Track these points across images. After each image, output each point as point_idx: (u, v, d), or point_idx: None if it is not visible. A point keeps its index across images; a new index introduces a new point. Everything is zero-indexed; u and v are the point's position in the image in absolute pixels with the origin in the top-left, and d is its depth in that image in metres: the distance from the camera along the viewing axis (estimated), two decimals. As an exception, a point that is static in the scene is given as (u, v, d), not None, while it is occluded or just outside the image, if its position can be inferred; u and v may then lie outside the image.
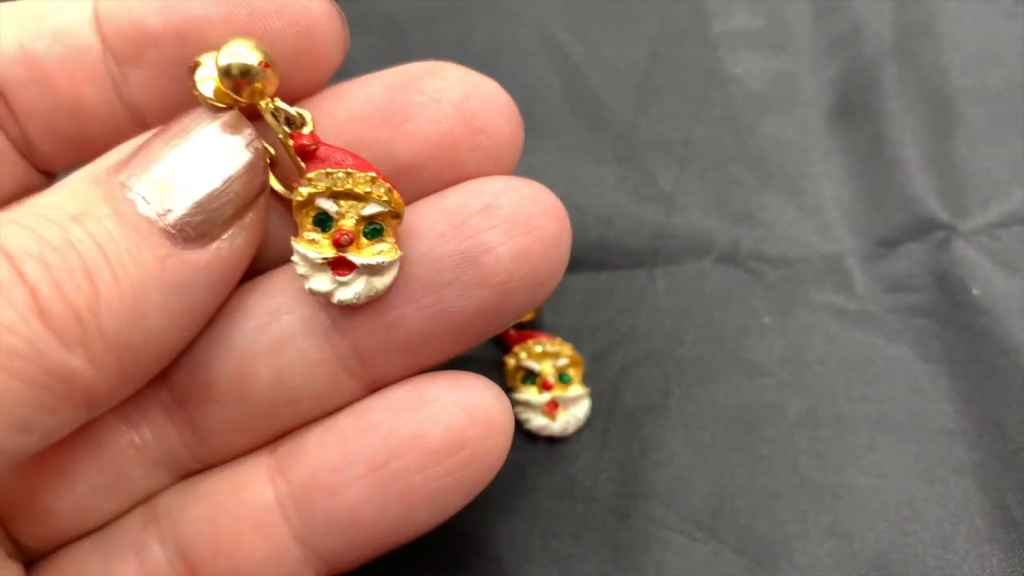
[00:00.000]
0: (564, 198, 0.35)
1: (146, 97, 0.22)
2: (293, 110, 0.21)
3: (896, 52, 0.39)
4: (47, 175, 0.24)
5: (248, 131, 0.21)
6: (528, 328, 0.34)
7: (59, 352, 0.17)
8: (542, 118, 0.39)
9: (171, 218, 0.19)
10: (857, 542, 0.30)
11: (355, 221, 0.21)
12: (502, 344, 0.33)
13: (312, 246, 0.21)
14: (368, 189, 0.20)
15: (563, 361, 0.32)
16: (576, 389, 0.32)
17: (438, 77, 0.22)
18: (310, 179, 0.21)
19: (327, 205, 0.21)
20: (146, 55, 0.22)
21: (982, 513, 0.30)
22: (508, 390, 0.33)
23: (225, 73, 0.20)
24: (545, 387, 0.32)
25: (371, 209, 0.21)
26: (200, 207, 0.19)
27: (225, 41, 0.20)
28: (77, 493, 0.24)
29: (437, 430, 0.22)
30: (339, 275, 0.21)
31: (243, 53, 0.20)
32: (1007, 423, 0.31)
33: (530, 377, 0.32)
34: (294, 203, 0.21)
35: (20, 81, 0.22)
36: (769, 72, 0.39)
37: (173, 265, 0.19)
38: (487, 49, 0.40)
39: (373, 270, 0.21)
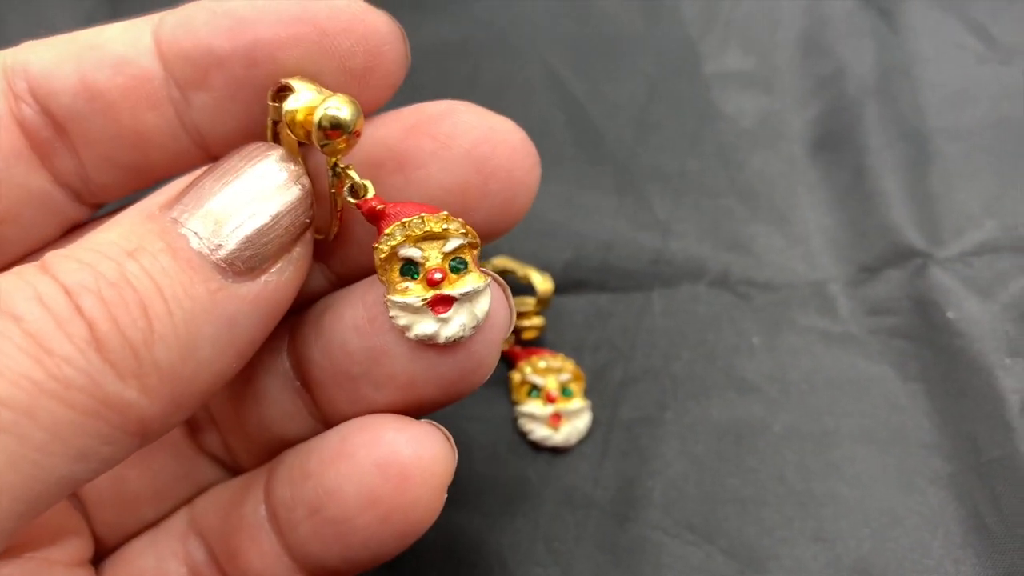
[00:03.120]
0: (568, 225, 0.38)
1: (210, 120, 0.22)
2: (360, 180, 0.21)
3: (877, 92, 0.40)
4: (93, 208, 0.24)
5: (296, 168, 0.20)
6: (533, 345, 0.35)
7: (115, 384, 0.17)
8: (547, 150, 0.38)
9: (222, 252, 0.19)
10: (840, 547, 0.31)
11: (441, 259, 0.21)
12: (508, 360, 0.35)
13: (408, 293, 0.21)
14: (445, 226, 0.21)
15: (566, 376, 0.34)
16: (578, 402, 0.34)
17: (450, 120, 0.22)
18: (388, 234, 0.21)
19: (411, 252, 0.21)
20: (211, 78, 0.21)
21: (957, 521, 0.31)
22: (514, 403, 0.35)
23: (320, 124, 0.19)
24: (549, 400, 0.33)
25: (452, 244, 0.21)
26: (249, 242, 0.19)
27: (295, 63, 0.20)
28: (160, 480, 0.25)
29: (350, 487, 0.21)
30: (440, 312, 0.21)
31: (344, 110, 0.20)
32: (980, 437, 0.32)
33: (535, 391, 0.34)
34: (377, 261, 0.21)
35: (82, 114, 0.22)
36: (758, 110, 0.40)
37: (223, 298, 0.19)
38: (495, 85, 0.42)
39: (470, 297, 0.21)
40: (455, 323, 0.21)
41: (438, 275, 0.21)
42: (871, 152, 0.39)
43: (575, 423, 0.34)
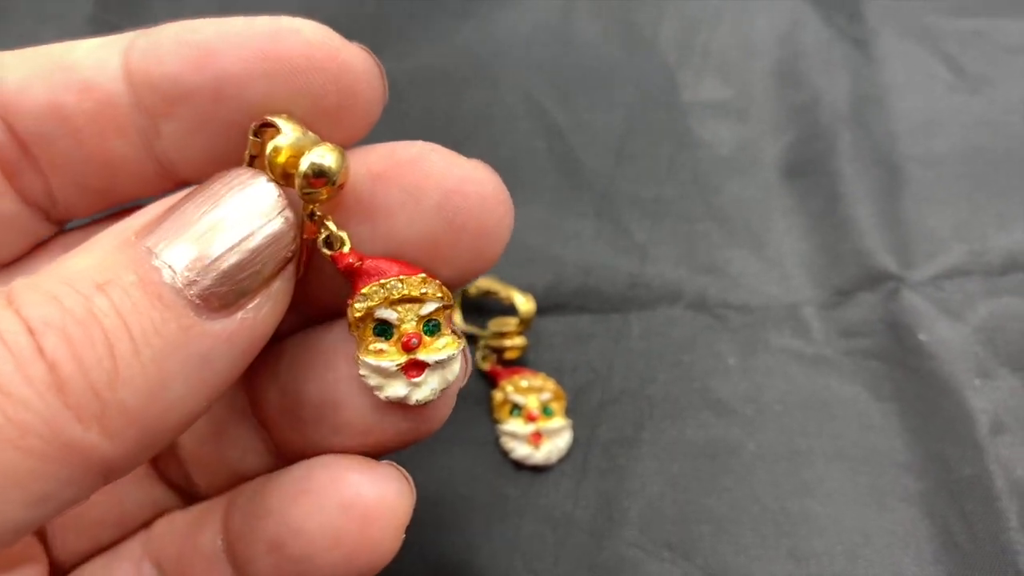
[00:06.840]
0: (548, 249, 0.39)
1: (178, 150, 0.21)
2: (337, 231, 0.20)
3: (850, 120, 0.41)
4: (61, 224, 0.24)
5: (280, 199, 0.19)
6: (515, 365, 0.36)
7: (76, 428, 0.16)
8: (528, 177, 0.41)
9: (197, 288, 0.18)
10: (813, 565, 0.32)
11: (416, 323, 0.21)
12: (490, 379, 0.36)
13: (382, 356, 0.20)
14: (424, 290, 0.20)
15: (547, 395, 0.35)
16: (558, 421, 0.34)
17: (420, 169, 0.21)
18: (365, 294, 0.20)
19: (386, 314, 0.20)
20: (178, 110, 0.20)
21: (928, 538, 0.32)
22: (495, 422, 0.35)
23: (305, 172, 0.19)
24: (530, 419, 0.34)
25: (428, 307, 0.21)
26: (227, 277, 0.18)
27: (264, 99, 0.20)
28: (121, 505, 0.25)
29: (313, 526, 0.21)
30: (413, 376, 0.21)
31: (332, 161, 0.19)
32: (950, 456, 0.33)
33: (516, 410, 0.34)
34: (351, 320, 0.20)
35: (49, 136, 0.21)
36: (734, 138, 0.41)
37: (196, 336, 0.18)
38: (478, 113, 0.43)
39: (443, 364, 0.21)
40: (427, 387, 0.21)
41: (414, 341, 0.20)
42: (844, 178, 0.40)
43: (556, 441, 0.34)
